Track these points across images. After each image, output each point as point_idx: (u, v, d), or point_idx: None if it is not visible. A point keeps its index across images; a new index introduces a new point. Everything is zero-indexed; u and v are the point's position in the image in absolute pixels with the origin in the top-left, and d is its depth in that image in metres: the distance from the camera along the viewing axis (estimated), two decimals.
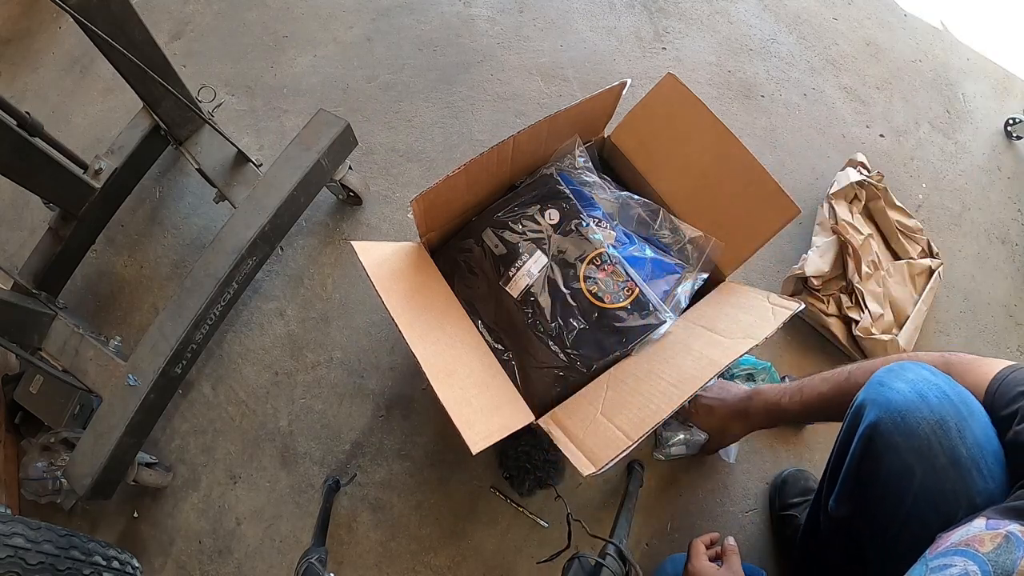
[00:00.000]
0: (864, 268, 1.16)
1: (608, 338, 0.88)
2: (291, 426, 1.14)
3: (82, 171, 1.07)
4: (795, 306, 0.80)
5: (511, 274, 0.92)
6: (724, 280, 0.99)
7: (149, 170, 1.26)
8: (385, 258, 0.86)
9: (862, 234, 1.20)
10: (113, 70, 1.00)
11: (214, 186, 1.15)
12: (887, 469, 0.61)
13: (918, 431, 0.57)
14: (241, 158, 1.14)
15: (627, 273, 0.91)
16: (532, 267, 0.92)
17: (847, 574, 0.77)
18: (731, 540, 0.85)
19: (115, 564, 0.92)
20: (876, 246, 1.22)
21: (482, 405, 0.77)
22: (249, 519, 1.09)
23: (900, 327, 1.17)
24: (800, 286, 1.19)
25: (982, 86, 1.58)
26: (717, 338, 0.82)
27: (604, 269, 0.91)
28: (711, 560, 0.84)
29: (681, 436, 1.01)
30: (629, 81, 0.96)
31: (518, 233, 0.93)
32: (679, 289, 0.95)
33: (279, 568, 1.06)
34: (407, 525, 1.07)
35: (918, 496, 0.59)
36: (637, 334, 0.88)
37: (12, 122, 0.88)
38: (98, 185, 1.09)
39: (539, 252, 0.92)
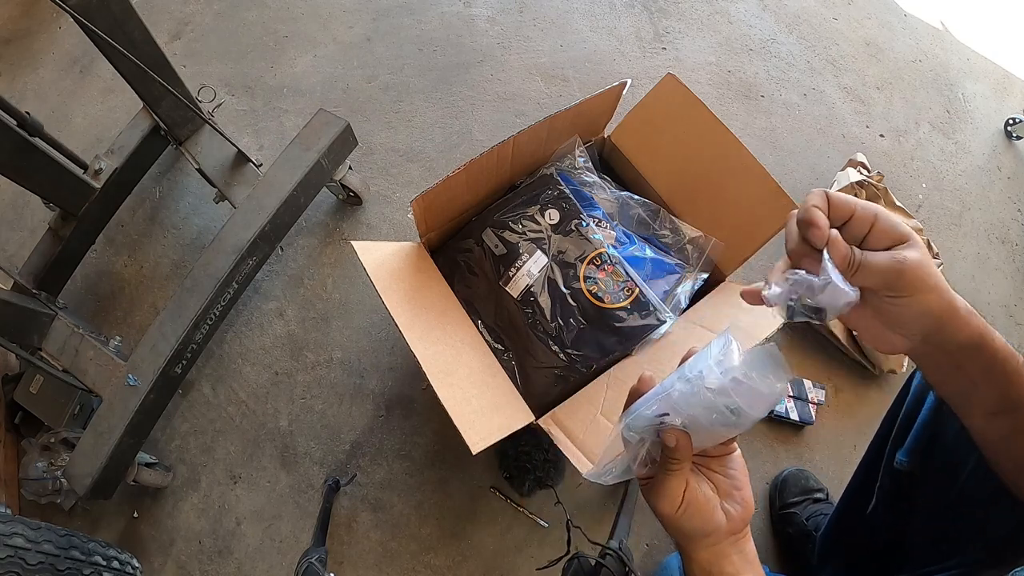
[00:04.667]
0: None
1: (608, 338, 0.88)
2: (291, 426, 1.14)
3: (82, 171, 1.07)
4: None
5: (511, 274, 0.92)
6: (724, 280, 0.99)
7: (149, 170, 1.26)
8: (385, 258, 0.86)
9: None
10: (113, 70, 1.00)
11: (214, 186, 1.15)
12: None
13: None
14: (241, 158, 1.14)
15: (627, 273, 0.90)
16: (532, 267, 0.92)
17: (882, 556, 0.77)
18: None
19: (115, 564, 0.92)
20: None
21: (482, 405, 0.77)
22: (249, 519, 1.09)
23: None
24: None
25: (982, 86, 1.58)
26: None
27: (604, 269, 0.91)
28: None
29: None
30: (629, 81, 0.96)
31: (518, 233, 0.93)
32: (679, 289, 0.95)
33: (279, 568, 1.06)
34: (407, 525, 1.07)
35: None
36: (637, 334, 0.87)
37: (12, 122, 0.88)
38: (98, 185, 1.09)
39: (539, 252, 0.92)
